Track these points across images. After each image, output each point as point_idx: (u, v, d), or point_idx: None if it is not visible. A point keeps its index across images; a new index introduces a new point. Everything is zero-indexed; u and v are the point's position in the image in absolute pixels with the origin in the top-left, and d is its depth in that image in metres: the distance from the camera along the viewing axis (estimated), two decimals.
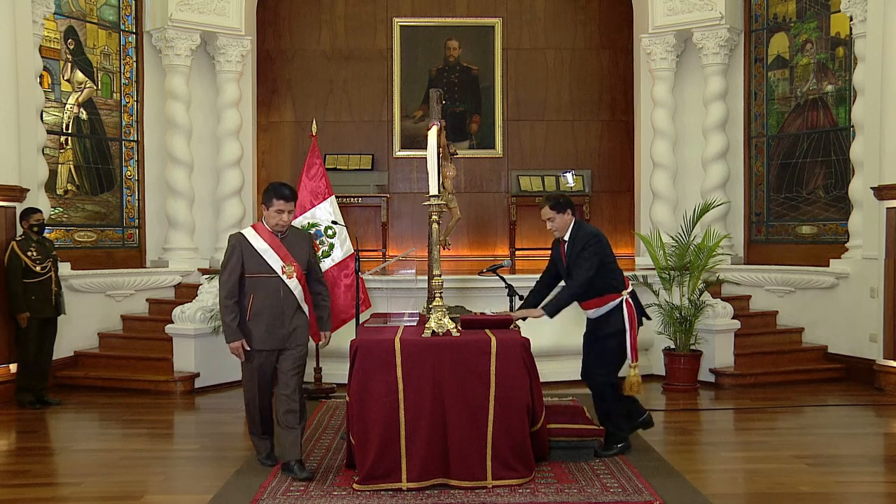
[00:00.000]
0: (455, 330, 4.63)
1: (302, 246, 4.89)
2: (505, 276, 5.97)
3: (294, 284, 4.77)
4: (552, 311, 5.08)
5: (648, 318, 5.44)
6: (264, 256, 4.73)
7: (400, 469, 4.45)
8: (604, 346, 5.18)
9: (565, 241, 5.16)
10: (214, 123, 9.37)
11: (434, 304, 4.71)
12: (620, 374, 5.32)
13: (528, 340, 4.67)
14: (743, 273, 8.83)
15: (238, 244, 4.77)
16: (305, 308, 4.87)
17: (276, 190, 4.78)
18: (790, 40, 9.03)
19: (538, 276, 5.52)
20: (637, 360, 5.16)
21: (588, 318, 5.34)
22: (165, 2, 8.84)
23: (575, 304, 5.20)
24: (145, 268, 9.13)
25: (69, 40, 8.59)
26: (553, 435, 5.00)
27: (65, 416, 6.70)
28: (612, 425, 5.23)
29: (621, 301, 5.14)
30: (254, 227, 4.88)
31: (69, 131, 8.61)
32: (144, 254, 9.30)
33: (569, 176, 10.30)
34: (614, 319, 5.12)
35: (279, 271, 4.74)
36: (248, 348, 4.78)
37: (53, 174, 8.33)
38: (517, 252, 10.19)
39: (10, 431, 6.27)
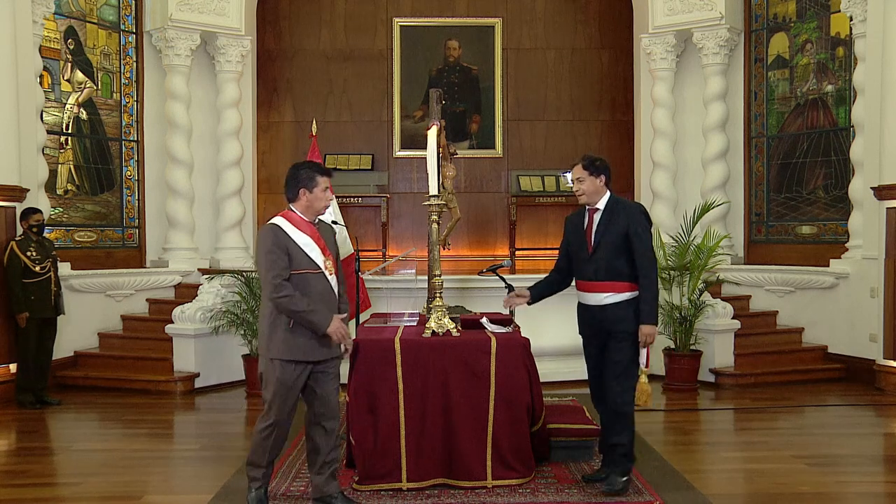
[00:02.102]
0: (455, 330, 4.62)
1: (331, 237, 4.23)
2: (505, 276, 5.95)
3: (335, 281, 4.13)
4: (655, 318, 4.36)
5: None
6: (307, 251, 4.01)
7: (400, 469, 4.44)
8: (619, 351, 4.40)
9: (597, 210, 4.50)
10: (214, 123, 9.37)
11: (434, 304, 4.71)
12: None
13: (528, 340, 4.67)
14: (743, 273, 8.83)
15: (279, 238, 3.99)
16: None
17: (315, 167, 4.12)
18: (790, 40, 9.03)
19: (538, 276, 5.41)
20: (649, 366, 4.50)
21: (587, 307, 4.53)
22: (165, 2, 8.83)
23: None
24: (145, 268, 9.13)
25: (69, 40, 8.59)
26: (553, 435, 5.00)
27: (65, 416, 6.70)
28: (631, 449, 4.54)
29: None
30: (284, 216, 4.11)
31: (69, 131, 8.61)
32: (144, 254, 9.30)
33: (569, 176, 10.26)
34: (633, 315, 4.37)
35: (323, 267, 4.05)
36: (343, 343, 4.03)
37: (53, 174, 8.32)
38: (517, 252, 10.18)
39: (10, 431, 6.27)
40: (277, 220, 4.09)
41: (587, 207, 4.56)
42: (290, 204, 4.15)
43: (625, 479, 4.43)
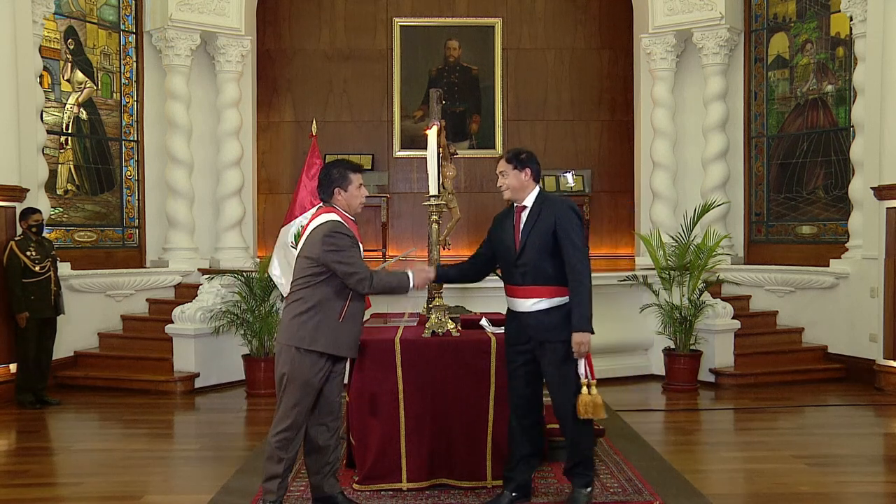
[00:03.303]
0: (455, 330, 4.62)
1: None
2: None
3: None
4: (587, 325, 3.96)
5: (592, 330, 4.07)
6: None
7: (400, 469, 4.45)
8: (558, 364, 4.05)
9: (524, 208, 4.15)
10: (214, 123, 9.36)
11: (434, 304, 4.71)
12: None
13: None
14: (743, 273, 8.82)
15: (352, 238, 3.97)
16: None
17: (347, 165, 4.08)
18: (790, 40, 9.03)
19: None
20: (594, 377, 4.06)
21: (514, 315, 4.18)
22: (165, 2, 8.83)
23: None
24: (145, 268, 9.12)
25: (69, 40, 8.58)
26: (553, 435, 4.98)
27: (65, 416, 6.70)
28: (592, 460, 4.27)
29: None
30: (337, 214, 4.03)
31: (69, 131, 8.61)
32: (144, 254, 9.30)
33: (569, 176, 10.31)
34: (563, 322, 4.00)
35: None
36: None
37: (53, 174, 8.32)
38: None
39: (10, 431, 6.27)
40: (335, 216, 4.00)
41: (514, 205, 4.20)
42: (326, 203, 4.08)
43: (588, 490, 4.18)
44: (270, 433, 3.96)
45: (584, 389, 4.01)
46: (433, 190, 4.71)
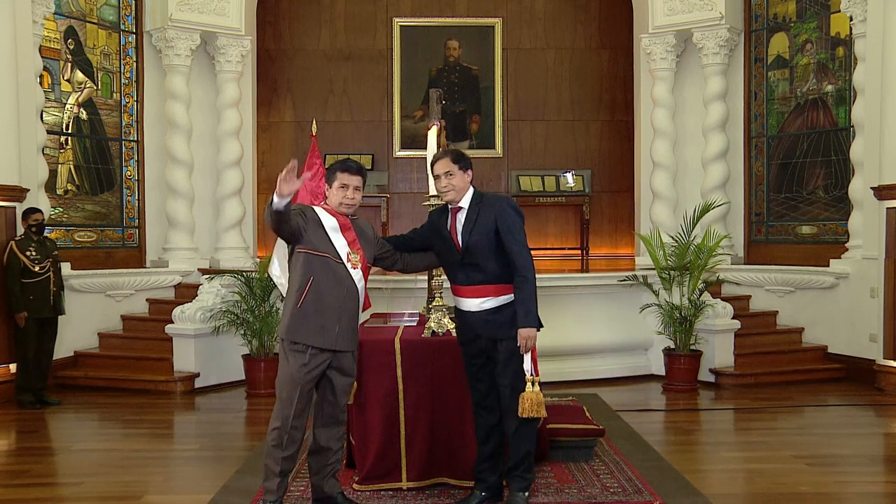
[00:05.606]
0: (455, 330, 4.62)
1: (369, 236, 4.18)
2: None
3: (359, 277, 4.03)
4: (534, 321, 3.98)
5: (541, 324, 4.09)
6: (330, 234, 3.99)
7: (400, 469, 4.45)
8: (510, 354, 4.03)
9: (460, 209, 4.14)
10: (214, 123, 9.36)
11: (434, 304, 4.71)
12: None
13: None
14: (743, 273, 8.82)
15: (304, 210, 4.04)
16: (361, 311, 4.16)
17: (339, 164, 4.14)
18: (790, 40, 9.03)
19: (539, 275, 5.25)
20: (538, 374, 4.05)
21: (464, 314, 4.16)
22: (165, 2, 8.83)
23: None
24: (145, 268, 9.12)
25: (69, 40, 8.59)
26: (553, 435, 4.99)
27: (65, 416, 6.70)
28: (532, 461, 4.21)
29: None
30: (321, 204, 4.19)
31: (69, 131, 8.61)
32: (144, 254, 9.30)
33: (569, 176, 10.31)
34: (514, 319, 4.00)
35: (344, 257, 3.99)
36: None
37: (53, 174, 8.32)
38: None
39: (10, 431, 6.27)
40: (311, 207, 4.16)
41: (450, 207, 4.19)
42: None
43: (526, 494, 4.15)
44: (267, 432, 4.01)
45: (528, 386, 4.00)
46: (433, 190, 4.72)
